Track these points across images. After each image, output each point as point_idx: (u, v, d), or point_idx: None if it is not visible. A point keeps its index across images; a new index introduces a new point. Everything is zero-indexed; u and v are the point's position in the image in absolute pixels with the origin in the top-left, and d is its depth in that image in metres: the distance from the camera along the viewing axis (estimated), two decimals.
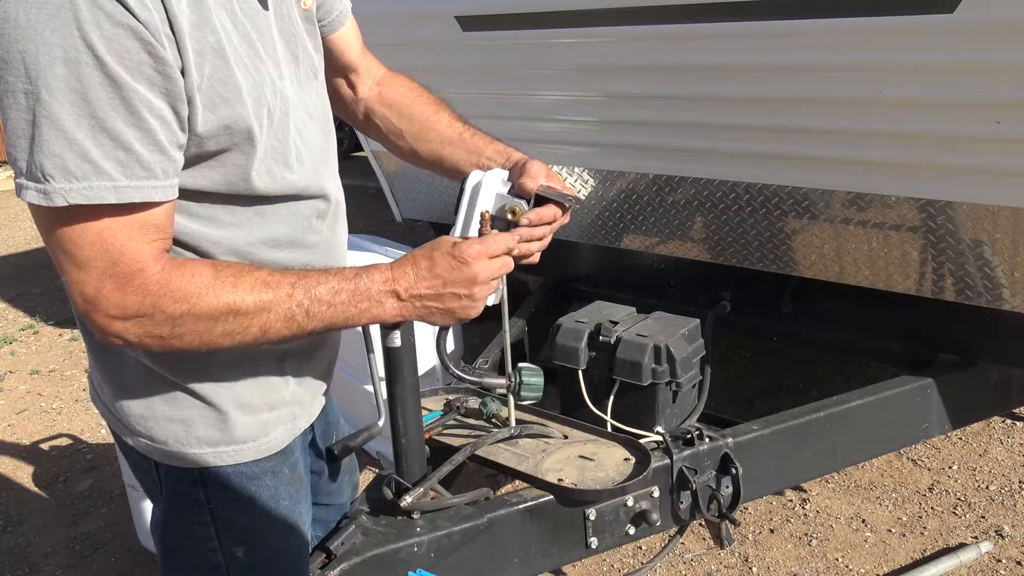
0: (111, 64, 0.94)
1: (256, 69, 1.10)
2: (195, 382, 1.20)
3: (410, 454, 1.59)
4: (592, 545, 1.78)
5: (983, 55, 1.78)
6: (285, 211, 1.20)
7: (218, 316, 1.06)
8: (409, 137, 1.50)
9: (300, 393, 1.32)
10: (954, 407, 2.41)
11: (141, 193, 0.99)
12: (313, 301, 1.11)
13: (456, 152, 1.48)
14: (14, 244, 7.44)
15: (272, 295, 1.09)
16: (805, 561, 2.61)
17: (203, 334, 1.07)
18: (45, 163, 0.95)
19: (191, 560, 1.31)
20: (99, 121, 0.95)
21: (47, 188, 0.95)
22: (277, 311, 1.09)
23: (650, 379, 2.06)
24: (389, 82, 1.54)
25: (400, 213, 3.55)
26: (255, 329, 1.09)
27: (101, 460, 3.52)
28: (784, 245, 2.40)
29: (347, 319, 1.15)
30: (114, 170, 0.97)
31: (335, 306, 1.13)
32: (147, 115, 0.98)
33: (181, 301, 1.04)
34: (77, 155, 0.95)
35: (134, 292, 1.02)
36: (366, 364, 1.57)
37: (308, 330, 1.13)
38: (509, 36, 2.52)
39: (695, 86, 2.28)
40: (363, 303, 1.15)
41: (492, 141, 1.49)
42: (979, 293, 2.12)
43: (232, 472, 1.25)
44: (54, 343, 5.00)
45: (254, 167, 1.12)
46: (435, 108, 1.51)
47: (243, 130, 1.08)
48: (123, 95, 0.96)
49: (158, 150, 0.99)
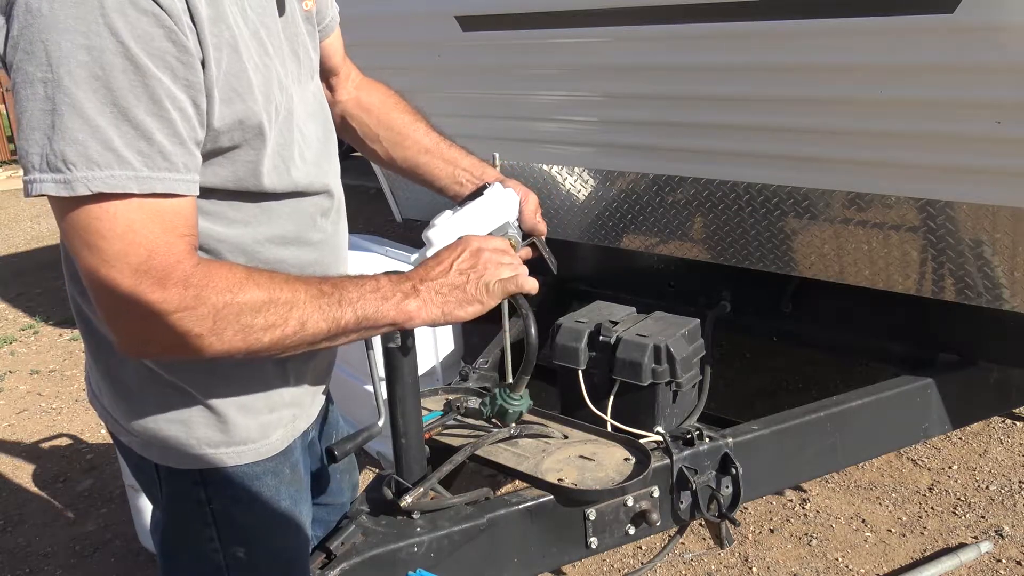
0: (135, 50, 0.93)
1: (265, 66, 1.11)
2: (195, 382, 1.20)
3: (410, 454, 1.59)
4: (592, 545, 1.78)
5: (983, 55, 1.77)
6: (290, 208, 1.21)
7: (259, 307, 1.03)
8: (386, 143, 1.54)
9: (300, 395, 1.32)
10: (954, 407, 2.41)
11: (163, 184, 0.96)
12: (344, 294, 1.11)
13: (432, 161, 1.53)
14: (14, 244, 7.44)
15: (304, 288, 1.09)
16: (805, 561, 2.61)
17: (245, 328, 1.03)
18: (67, 151, 0.92)
19: (192, 561, 1.31)
20: (122, 109, 0.93)
21: (68, 177, 0.92)
22: (313, 303, 1.08)
23: (650, 379, 2.06)
24: (367, 88, 1.57)
25: (400, 213, 3.56)
26: (294, 321, 1.06)
27: (101, 460, 3.52)
28: (784, 245, 2.40)
29: (377, 315, 1.13)
30: (136, 160, 0.94)
31: (364, 297, 1.13)
32: (168, 105, 0.96)
33: (224, 291, 1.01)
34: (99, 143, 0.92)
35: (175, 285, 0.97)
36: (366, 364, 1.57)
37: (343, 324, 1.11)
38: (509, 36, 2.52)
39: (695, 86, 2.28)
40: (390, 296, 1.15)
41: (467, 154, 1.55)
42: (979, 293, 2.12)
43: (233, 472, 1.25)
44: (54, 343, 5.00)
45: (264, 163, 1.12)
46: (412, 117, 1.56)
47: (255, 125, 1.08)
48: (146, 82, 0.94)
49: (179, 142, 0.98)
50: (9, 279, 6.31)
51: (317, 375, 1.37)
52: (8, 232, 7.90)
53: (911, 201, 2.10)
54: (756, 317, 2.89)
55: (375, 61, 2.08)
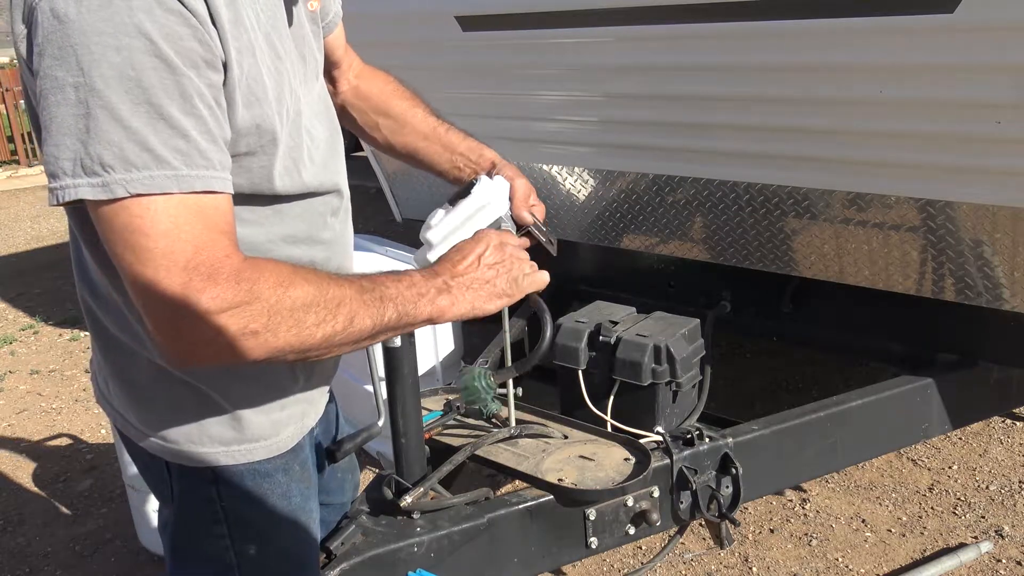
0: (165, 48, 0.92)
1: (276, 70, 1.11)
2: (208, 380, 1.20)
3: (410, 454, 1.59)
4: (592, 545, 1.78)
5: (983, 55, 1.77)
6: (301, 209, 1.21)
7: (309, 304, 1.03)
8: (385, 130, 1.56)
9: (309, 391, 1.33)
10: (954, 407, 2.41)
11: (202, 182, 0.95)
12: (384, 291, 1.12)
13: (431, 147, 1.55)
14: (14, 244, 7.44)
15: (348, 284, 1.09)
16: (805, 561, 2.61)
17: (299, 323, 1.01)
18: (104, 154, 0.91)
19: (203, 559, 1.31)
20: (156, 108, 0.92)
21: (107, 180, 0.91)
22: (358, 299, 1.08)
23: (650, 379, 2.06)
24: (367, 76, 1.58)
25: (400, 213, 3.56)
26: (343, 318, 1.06)
27: (101, 460, 3.52)
28: (784, 245, 2.40)
29: (415, 312, 1.14)
30: (174, 158, 0.93)
31: (402, 294, 1.13)
32: (199, 103, 0.96)
33: (275, 286, 0.99)
34: (136, 144, 0.92)
35: (226, 280, 0.95)
36: (366, 364, 1.58)
37: (385, 321, 1.11)
38: (509, 36, 2.52)
39: (695, 86, 2.28)
40: (424, 292, 1.16)
41: (465, 137, 1.56)
42: (979, 293, 2.12)
43: (245, 470, 1.25)
44: (54, 343, 5.00)
45: (276, 167, 1.12)
46: (411, 103, 1.57)
47: (269, 130, 1.09)
48: (177, 80, 0.94)
49: (212, 140, 0.98)
50: (9, 279, 6.32)
51: (325, 372, 1.38)
52: (8, 232, 7.90)
53: (911, 201, 2.10)
54: (756, 317, 2.89)
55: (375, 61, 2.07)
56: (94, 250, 1.15)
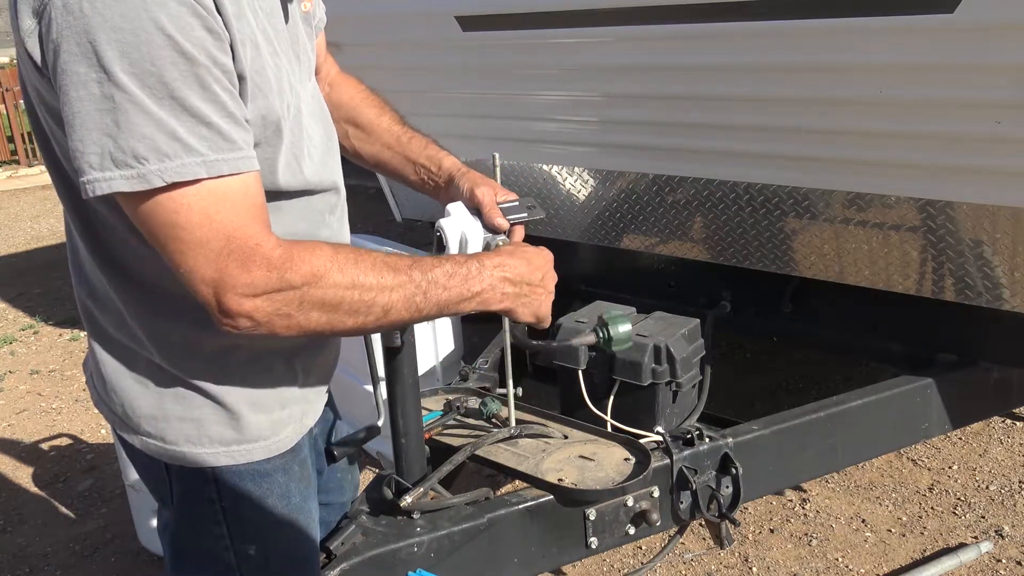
0: (181, 41, 0.95)
1: (276, 65, 1.13)
2: (207, 380, 1.20)
3: (410, 454, 1.59)
4: (592, 545, 1.78)
5: (983, 55, 1.77)
6: (301, 206, 1.23)
7: (341, 298, 1.07)
8: (354, 139, 1.57)
9: (308, 391, 1.33)
10: (954, 407, 2.41)
11: (229, 165, 1.00)
12: (431, 283, 1.15)
13: (394, 157, 1.57)
14: (14, 244, 7.44)
15: (392, 274, 1.11)
16: (805, 561, 2.61)
17: (328, 313, 1.07)
18: (138, 146, 0.95)
19: (202, 560, 1.31)
20: (178, 100, 0.96)
21: (143, 171, 0.95)
22: (399, 291, 1.12)
23: (650, 379, 2.06)
24: (339, 84, 1.59)
25: (400, 213, 3.56)
26: (378, 309, 1.10)
27: (101, 460, 3.52)
28: (784, 245, 2.40)
29: (460, 303, 1.19)
30: (200, 145, 0.97)
31: (449, 289, 1.17)
32: (217, 88, 0.99)
33: (307, 274, 1.05)
34: (166, 135, 0.95)
35: (258, 267, 1.01)
36: (366, 364, 1.57)
37: (424, 313, 1.15)
38: (509, 36, 2.52)
39: (695, 86, 2.28)
40: (475, 286, 1.20)
41: (427, 145, 1.56)
42: (979, 293, 2.12)
43: (245, 470, 1.25)
44: (54, 343, 5.00)
45: (279, 161, 1.14)
46: (378, 111, 1.58)
47: (274, 122, 1.11)
48: (195, 71, 0.97)
49: (233, 121, 1.01)
50: (9, 279, 6.31)
51: (324, 372, 1.38)
52: (8, 232, 7.90)
53: (911, 201, 2.10)
54: (756, 317, 2.89)
55: (375, 61, 2.08)
56: (94, 250, 1.15)
